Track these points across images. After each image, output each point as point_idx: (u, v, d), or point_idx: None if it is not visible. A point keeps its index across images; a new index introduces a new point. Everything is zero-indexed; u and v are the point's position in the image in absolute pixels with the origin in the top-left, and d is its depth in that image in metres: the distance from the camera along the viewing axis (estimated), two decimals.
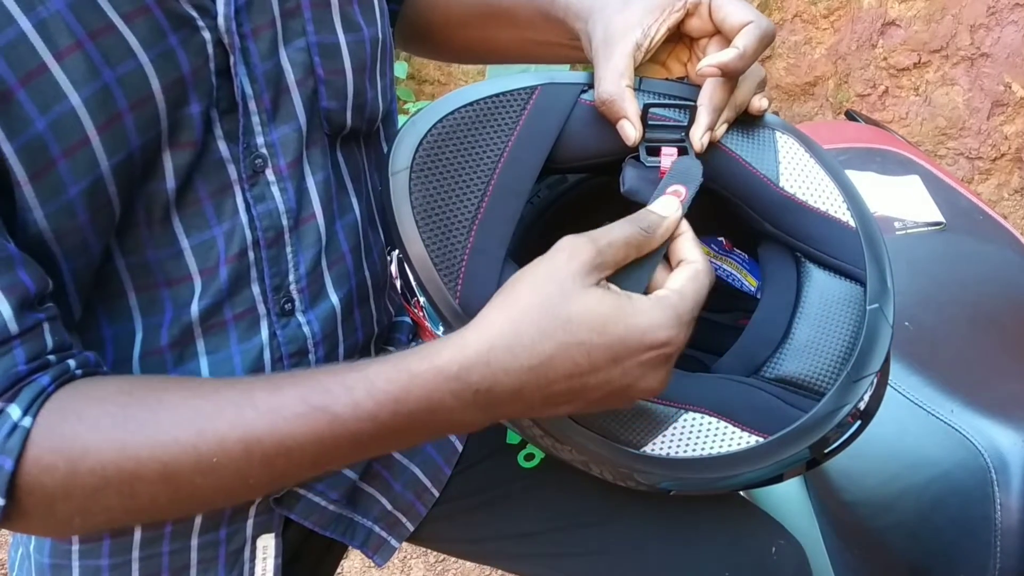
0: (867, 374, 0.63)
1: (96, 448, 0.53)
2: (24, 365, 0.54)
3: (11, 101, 0.53)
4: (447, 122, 0.62)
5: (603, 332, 0.51)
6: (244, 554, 0.76)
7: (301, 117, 0.67)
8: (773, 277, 0.67)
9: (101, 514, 0.55)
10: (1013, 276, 1.11)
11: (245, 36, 0.63)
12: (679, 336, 0.52)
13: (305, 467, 0.55)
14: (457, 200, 0.61)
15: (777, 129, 0.67)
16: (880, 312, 0.64)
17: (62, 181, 0.56)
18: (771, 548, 0.84)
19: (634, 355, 0.51)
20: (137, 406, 0.55)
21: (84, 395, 0.55)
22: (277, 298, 0.69)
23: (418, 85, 2.62)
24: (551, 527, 0.85)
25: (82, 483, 0.53)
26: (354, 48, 0.70)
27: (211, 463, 0.53)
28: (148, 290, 0.64)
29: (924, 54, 2.23)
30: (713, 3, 0.64)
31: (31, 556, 0.74)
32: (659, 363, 0.53)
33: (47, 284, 0.57)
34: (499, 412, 0.53)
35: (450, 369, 0.51)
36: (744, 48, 0.61)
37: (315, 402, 0.52)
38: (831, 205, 0.65)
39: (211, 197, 0.64)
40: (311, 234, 0.70)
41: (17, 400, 0.53)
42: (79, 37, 0.55)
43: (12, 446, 0.52)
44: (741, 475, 0.64)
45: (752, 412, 0.63)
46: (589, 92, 0.65)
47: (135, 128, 0.58)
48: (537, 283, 0.52)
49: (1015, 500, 0.82)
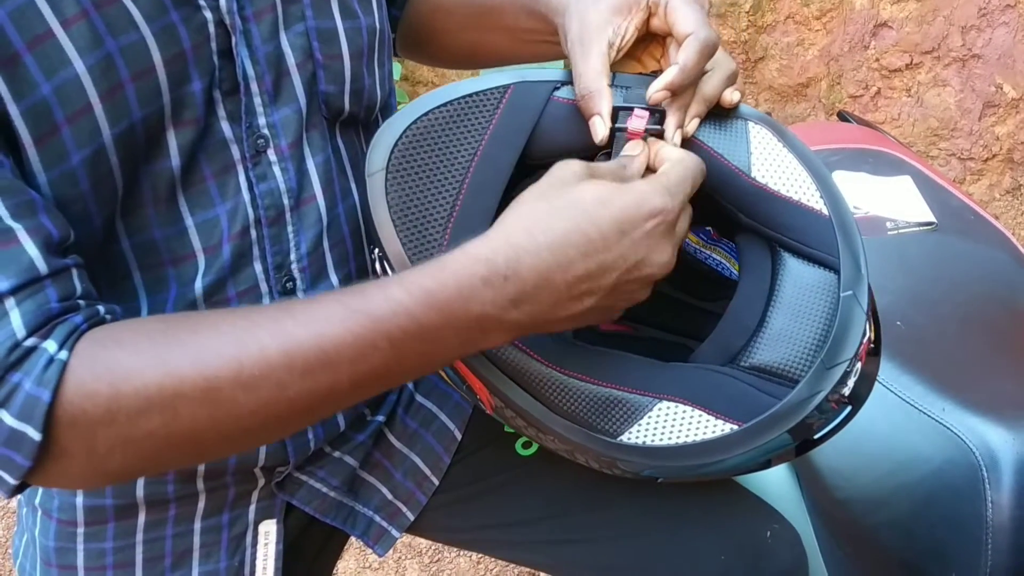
0: (841, 361, 0.64)
1: (139, 370, 0.53)
2: (57, 304, 0.55)
3: (18, 64, 0.55)
4: (422, 123, 0.64)
5: (606, 204, 0.55)
6: (246, 539, 0.77)
7: (301, 99, 0.69)
8: (749, 267, 0.68)
9: (144, 441, 0.54)
10: (1004, 276, 1.12)
11: (247, 19, 0.65)
12: (672, 203, 0.57)
13: (344, 378, 0.55)
14: (432, 199, 0.63)
15: (750, 120, 0.67)
16: (854, 299, 0.64)
17: (65, 147, 0.57)
18: (766, 532, 0.85)
19: (637, 224, 0.56)
20: (177, 328, 0.55)
21: (122, 327, 0.56)
22: (279, 276, 0.70)
23: (412, 87, 2.62)
24: (549, 514, 0.86)
25: (125, 405, 0.53)
26: (351, 35, 0.72)
27: (252, 375, 0.53)
28: (153, 269, 0.65)
29: (916, 55, 2.24)
30: (667, 6, 0.66)
31: (36, 540, 0.75)
32: (662, 233, 0.57)
33: (69, 233, 0.58)
34: (530, 304, 0.55)
35: (478, 252, 0.54)
36: (684, 64, 0.63)
37: (352, 304, 0.54)
38: (804, 194, 0.65)
39: (215, 176, 0.66)
40: (312, 214, 0.71)
41: (52, 335, 0.53)
42: (85, 6, 0.57)
43: (49, 377, 0.52)
44: (720, 462, 0.65)
45: (726, 400, 0.64)
46: (562, 89, 0.66)
47: (137, 99, 0.60)
48: (537, 187, 0.58)
49: (1006, 497, 0.82)
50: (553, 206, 0.55)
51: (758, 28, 2.33)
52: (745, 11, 2.31)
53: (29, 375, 0.52)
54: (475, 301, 0.53)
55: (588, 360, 0.65)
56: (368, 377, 0.56)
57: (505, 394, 0.65)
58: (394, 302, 0.53)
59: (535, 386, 0.65)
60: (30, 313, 0.53)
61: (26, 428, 0.52)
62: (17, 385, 0.52)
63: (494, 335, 0.56)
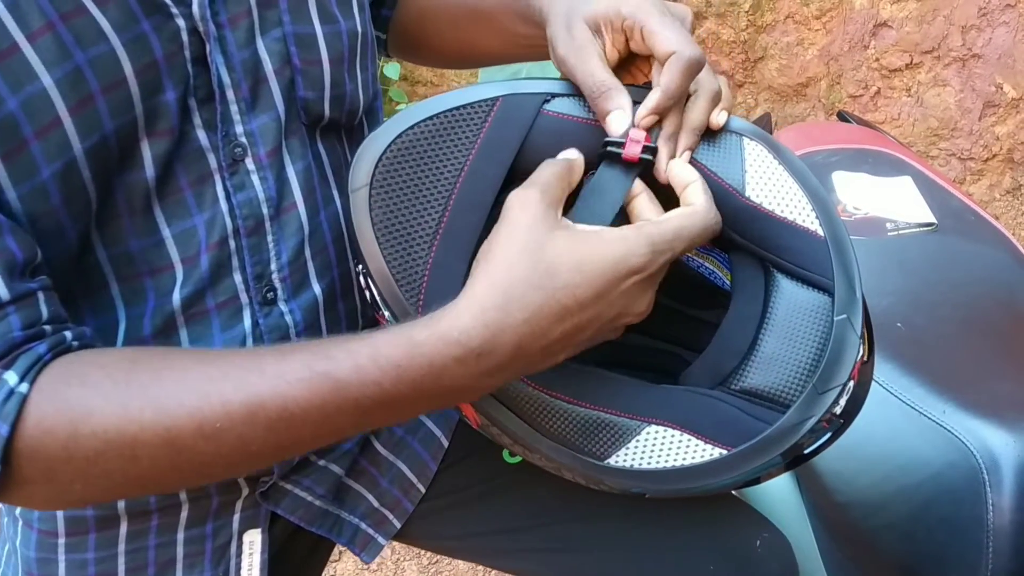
0: (833, 386, 0.63)
1: (99, 410, 0.53)
2: (20, 332, 0.54)
3: None
4: (407, 136, 0.62)
5: (581, 270, 0.53)
6: (231, 549, 0.76)
7: (280, 106, 0.68)
8: (741, 286, 0.67)
9: (102, 479, 0.55)
10: (1004, 277, 1.12)
11: (222, 25, 0.64)
12: (654, 261, 0.55)
13: (307, 435, 0.56)
14: (418, 215, 0.62)
15: (745, 135, 0.65)
16: (847, 323, 0.63)
17: (35, 162, 0.56)
18: (755, 541, 0.84)
19: (614, 286, 0.54)
20: (142, 371, 0.55)
21: (87, 361, 0.56)
22: (259, 287, 0.69)
23: (411, 86, 2.62)
24: (536, 523, 0.86)
25: (84, 445, 0.53)
26: (331, 39, 0.70)
27: (214, 427, 0.53)
28: (131, 280, 0.64)
29: (916, 55, 2.23)
30: (644, 30, 0.63)
31: (17, 551, 0.74)
32: (641, 289, 0.55)
33: (36, 253, 0.57)
34: (504, 373, 0.54)
35: (450, 335, 0.52)
36: (667, 86, 0.61)
37: (319, 368, 0.53)
38: (799, 214, 0.64)
39: (191, 186, 0.65)
40: (293, 223, 0.70)
41: (14, 367, 0.53)
42: (51, 18, 0.55)
43: (8, 411, 0.52)
44: (709, 484, 0.64)
45: (716, 425, 0.63)
46: (553, 102, 0.64)
47: (108, 111, 0.58)
48: (506, 244, 0.55)
49: (1007, 500, 0.82)
50: (527, 277, 0.53)
51: (758, 28, 2.33)
52: (745, 11, 2.31)
53: None
54: (447, 377, 0.53)
55: (575, 382, 0.64)
56: (333, 434, 0.57)
57: (491, 413, 0.64)
58: (363, 372, 0.53)
59: (521, 407, 0.64)
60: None
61: None
62: None
63: (467, 397, 0.56)
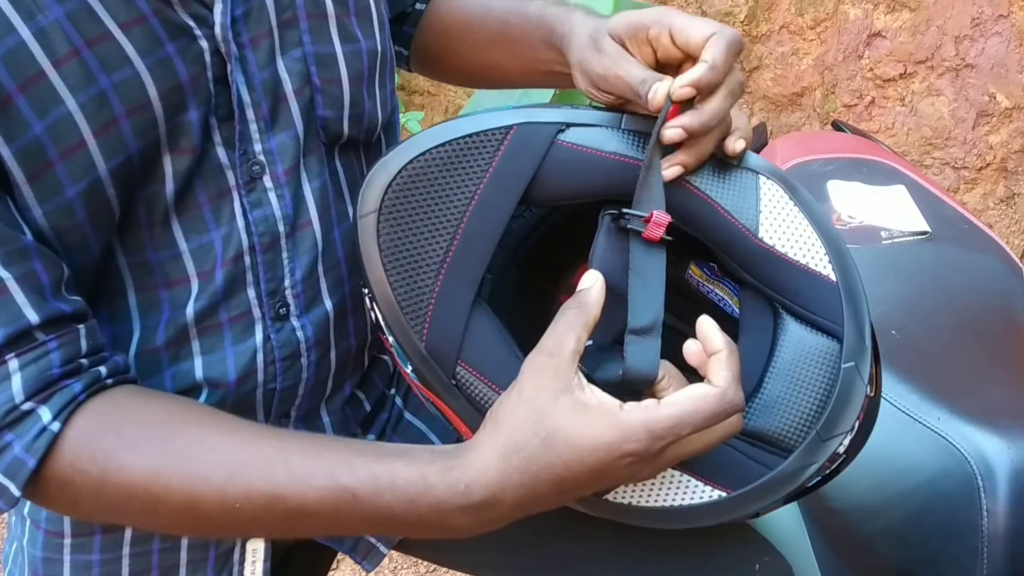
0: (837, 434, 0.62)
1: (130, 467, 0.58)
2: (59, 368, 0.58)
3: (10, 107, 0.55)
4: (418, 163, 0.62)
5: (576, 446, 0.54)
6: (234, 556, 0.77)
7: (298, 125, 0.68)
8: (749, 326, 0.66)
9: (121, 519, 0.62)
10: (998, 285, 1.12)
11: (243, 45, 0.64)
12: (651, 447, 0.54)
13: (315, 529, 0.63)
14: (425, 244, 0.61)
15: (762, 174, 0.64)
16: (855, 371, 0.62)
17: (60, 182, 0.57)
18: (755, 565, 0.83)
19: (609, 465, 0.54)
20: (177, 437, 0.59)
21: (124, 414, 0.60)
22: (272, 303, 0.70)
23: (408, 96, 2.63)
24: (533, 543, 0.85)
25: (111, 492, 0.58)
26: (351, 59, 0.71)
27: (233, 507, 0.58)
28: (148, 291, 0.65)
29: (910, 65, 2.25)
30: (673, 29, 0.63)
31: (24, 550, 0.75)
32: (641, 464, 0.55)
33: (63, 271, 0.59)
34: (504, 521, 0.58)
35: (457, 486, 0.56)
36: (713, 60, 0.60)
37: (343, 481, 0.57)
38: (812, 258, 0.63)
39: (210, 202, 0.66)
40: (307, 240, 0.70)
41: (48, 403, 0.57)
42: (76, 45, 0.56)
43: (38, 447, 0.57)
44: (707, 524, 0.64)
45: (716, 467, 0.62)
46: (568, 132, 0.63)
47: (132, 133, 0.59)
48: (514, 408, 0.56)
49: (1001, 506, 0.82)
50: (527, 444, 0.55)
51: (753, 38, 2.34)
52: (740, 21, 2.32)
53: (21, 439, 0.57)
54: (451, 519, 0.57)
55: None
56: (336, 531, 0.67)
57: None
58: (379, 497, 0.57)
59: None
60: (32, 379, 0.57)
61: (8, 484, 0.58)
62: (8, 444, 0.57)
63: (469, 535, 0.59)
